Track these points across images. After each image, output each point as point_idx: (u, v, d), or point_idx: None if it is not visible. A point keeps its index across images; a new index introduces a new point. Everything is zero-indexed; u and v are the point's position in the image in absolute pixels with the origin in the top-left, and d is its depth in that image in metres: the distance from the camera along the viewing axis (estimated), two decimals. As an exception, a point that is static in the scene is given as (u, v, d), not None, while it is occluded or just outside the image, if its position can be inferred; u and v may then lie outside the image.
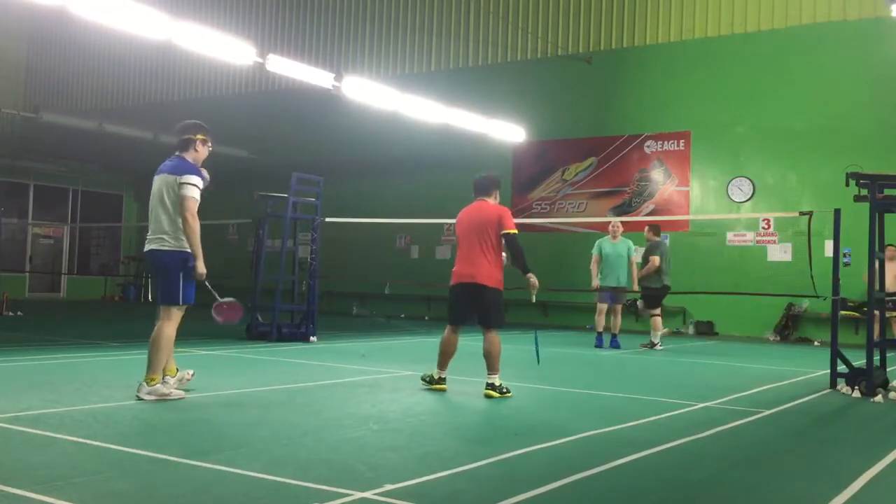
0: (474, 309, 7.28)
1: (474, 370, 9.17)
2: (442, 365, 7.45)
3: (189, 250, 6.39)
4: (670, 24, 17.53)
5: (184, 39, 11.24)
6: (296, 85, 19.17)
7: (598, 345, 12.74)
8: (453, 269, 7.42)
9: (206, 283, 6.65)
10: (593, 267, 12.83)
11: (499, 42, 19.58)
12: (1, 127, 25.64)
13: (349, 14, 21.86)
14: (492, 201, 7.48)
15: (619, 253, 12.68)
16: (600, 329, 12.90)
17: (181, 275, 6.39)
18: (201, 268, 6.41)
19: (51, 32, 27.01)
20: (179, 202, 6.37)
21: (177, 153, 6.65)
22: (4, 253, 19.55)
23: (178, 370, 6.74)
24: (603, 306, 12.86)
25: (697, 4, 17.22)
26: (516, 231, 7.28)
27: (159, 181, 6.50)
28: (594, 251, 12.86)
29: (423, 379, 7.62)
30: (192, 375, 6.96)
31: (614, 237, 12.79)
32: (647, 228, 13.40)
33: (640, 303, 13.95)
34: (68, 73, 27.22)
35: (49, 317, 16.31)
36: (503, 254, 7.38)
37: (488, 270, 7.16)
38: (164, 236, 6.41)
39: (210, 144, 6.77)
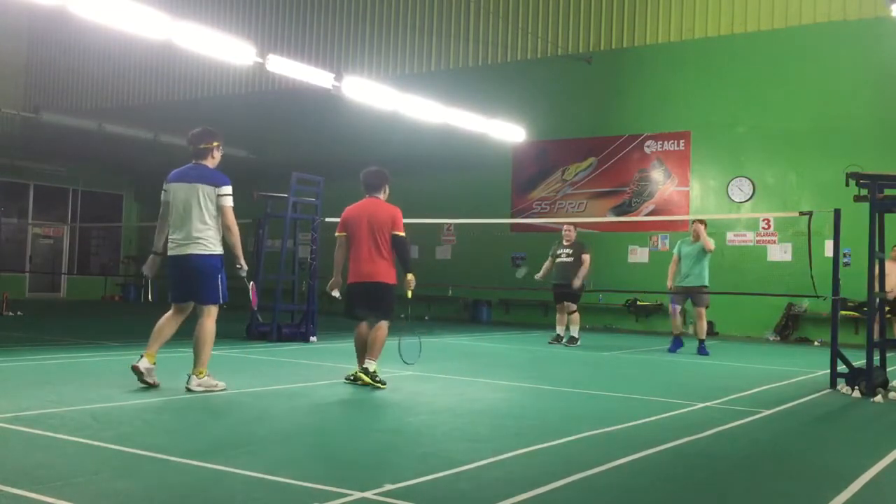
0: (373, 305, 7.63)
1: (473, 370, 9.18)
2: (361, 361, 7.64)
3: (221, 253, 6.90)
4: (670, 24, 17.52)
5: (184, 39, 11.23)
6: (296, 85, 19.16)
7: (674, 349, 12.25)
8: (351, 268, 7.63)
9: (251, 285, 7.43)
10: (672, 268, 12.30)
11: (499, 42, 19.58)
12: (1, 127, 25.63)
13: (349, 14, 21.85)
14: (382, 197, 7.82)
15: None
16: (677, 332, 12.46)
17: (220, 276, 6.88)
18: (245, 265, 7.08)
19: (51, 32, 26.96)
20: (222, 212, 6.82)
21: (194, 161, 6.98)
22: (4, 253, 19.56)
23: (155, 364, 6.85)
24: (677, 307, 12.36)
25: (697, 4, 17.21)
26: (404, 234, 7.65)
27: (189, 189, 6.81)
28: (675, 252, 12.36)
29: (347, 378, 7.66)
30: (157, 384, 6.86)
31: (697, 238, 12.16)
32: (570, 228, 13.21)
33: (560, 304, 13.57)
34: (68, 73, 27.19)
35: (49, 317, 16.30)
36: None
37: (386, 269, 7.55)
38: (203, 241, 6.79)
39: (222, 149, 7.14)
